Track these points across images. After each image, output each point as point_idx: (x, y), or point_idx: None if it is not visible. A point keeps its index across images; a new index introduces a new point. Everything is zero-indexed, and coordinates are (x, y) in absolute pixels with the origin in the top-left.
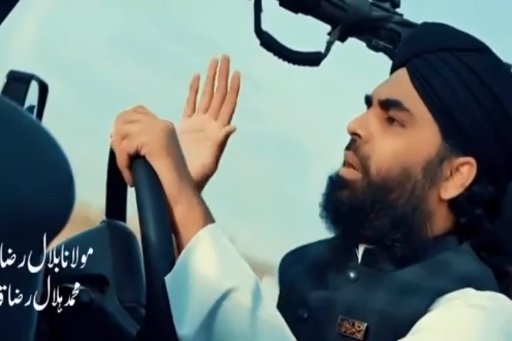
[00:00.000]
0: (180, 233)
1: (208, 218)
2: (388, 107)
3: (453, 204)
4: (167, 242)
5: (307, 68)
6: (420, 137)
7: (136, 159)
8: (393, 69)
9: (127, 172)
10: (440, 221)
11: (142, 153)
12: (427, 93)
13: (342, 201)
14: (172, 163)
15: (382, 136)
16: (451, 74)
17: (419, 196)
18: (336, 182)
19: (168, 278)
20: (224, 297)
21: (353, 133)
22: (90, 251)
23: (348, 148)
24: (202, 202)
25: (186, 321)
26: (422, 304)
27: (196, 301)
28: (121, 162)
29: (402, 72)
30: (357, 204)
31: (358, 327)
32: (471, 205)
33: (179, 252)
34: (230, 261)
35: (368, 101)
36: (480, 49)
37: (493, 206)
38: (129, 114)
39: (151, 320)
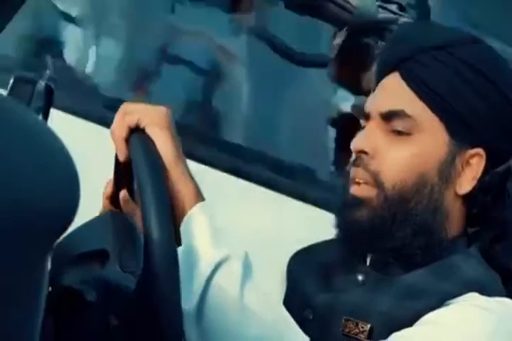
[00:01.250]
0: (175, 203)
1: (200, 193)
2: (391, 118)
3: (467, 197)
4: (166, 212)
5: None
6: (429, 141)
7: (135, 132)
8: (380, 76)
9: (123, 145)
10: (455, 217)
11: (143, 124)
12: (428, 95)
13: (361, 221)
14: (170, 135)
15: (389, 149)
16: (449, 72)
17: (437, 199)
18: (350, 202)
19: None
20: (218, 266)
21: (360, 151)
22: (92, 229)
23: (354, 165)
24: (192, 177)
25: (187, 295)
26: (427, 307)
27: (195, 272)
28: (120, 134)
29: (395, 78)
30: (378, 222)
31: (362, 327)
32: (484, 195)
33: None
34: (222, 236)
35: (365, 115)
36: (470, 41)
37: (501, 191)
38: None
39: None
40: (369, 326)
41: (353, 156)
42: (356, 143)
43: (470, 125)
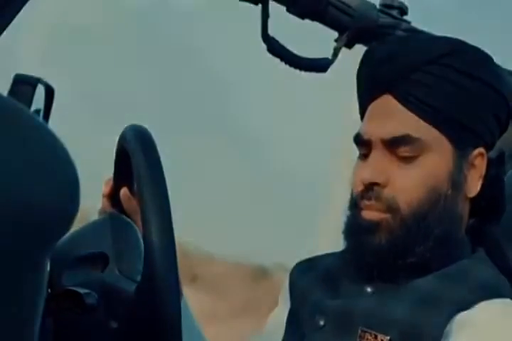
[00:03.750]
0: None
1: None
2: (397, 145)
3: (477, 196)
4: (167, 216)
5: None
6: (436, 157)
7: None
8: (368, 99)
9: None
10: (465, 217)
11: None
12: (429, 113)
13: (380, 245)
14: None
15: (399, 174)
16: (445, 84)
17: (451, 208)
18: (365, 227)
19: None
20: None
21: (371, 184)
22: (91, 232)
23: (366, 198)
24: None
25: None
26: (443, 318)
27: None
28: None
29: (389, 101)
30: (397, 243)
31: (382, 340)
32: (491, 190)
33: None
34: None
35: (363, 142)
36: (458, 47)
37: (500, 178)
38: None
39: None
40: (388, 338)
41: (361, 187)
42: (365, 175)
43: (472, 130)
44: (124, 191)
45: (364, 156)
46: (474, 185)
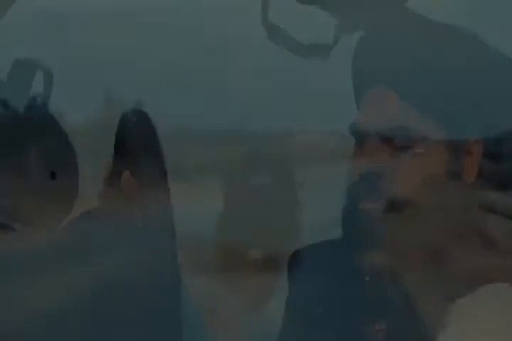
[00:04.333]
0: None
1: None
2: (393, 136)
3: (477, 181)
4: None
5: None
6: (431, 147)
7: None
8: (363, 88)
9: None
10: (464, 203)
11: None
12: (423, 102)
13: (377, 234)
14: None
15: (395, 164)
16: (442, 74)
17: (449, 196)
18: (362, 216)
19: None
20: None
21: (368, 174)
22: None
23: (362, 187)
24: None
25: None
26: (439, 306)
27: None
28: None
29: (384, 91)
30: (395, 232)
31: (379, 326)
32: (492, 174)
33: None
34: None
35: (359, 131)
36: (454, 33)
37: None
38: None
39: None
40: (385, 325)
41: (357, 177)
42: (361, 165)
43: (467, 118)
44: (125, 174)
45: (360, 146)
46: (471, 172)
